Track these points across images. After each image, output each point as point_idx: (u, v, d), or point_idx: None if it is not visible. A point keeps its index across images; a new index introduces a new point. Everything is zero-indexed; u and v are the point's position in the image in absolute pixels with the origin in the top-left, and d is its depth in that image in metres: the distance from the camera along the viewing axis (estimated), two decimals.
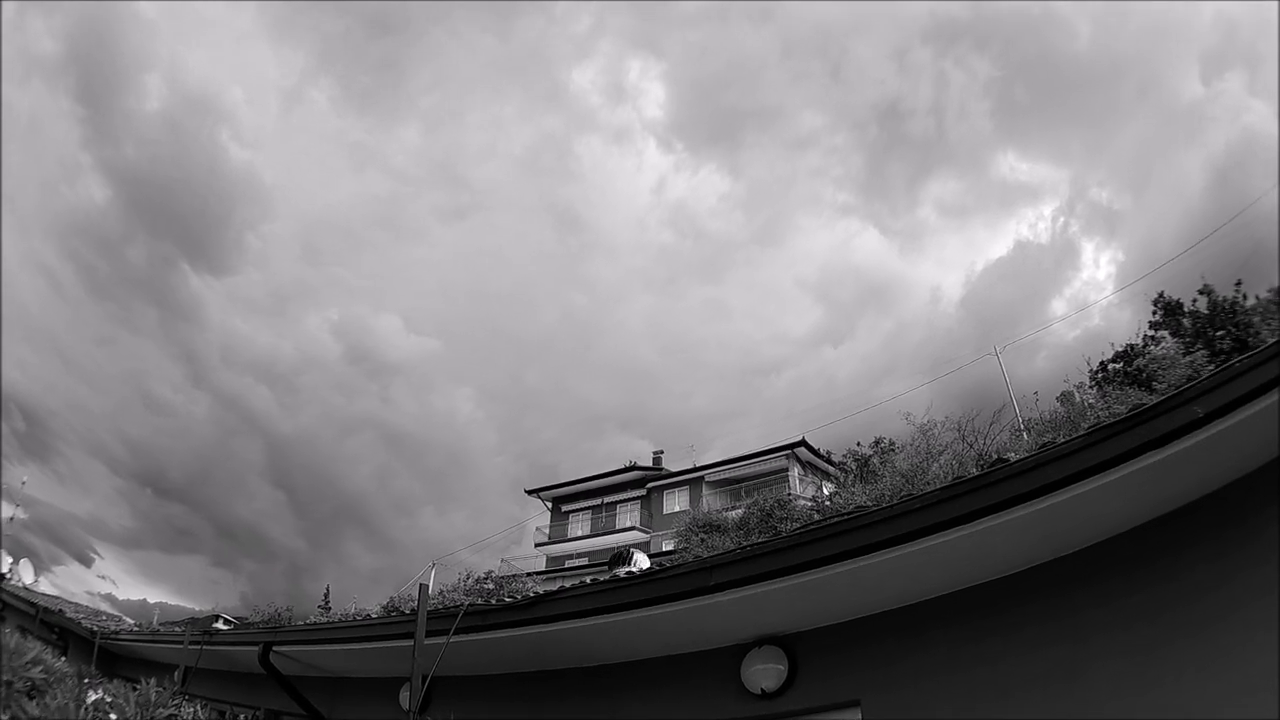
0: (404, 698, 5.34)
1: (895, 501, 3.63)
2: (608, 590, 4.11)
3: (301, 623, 6.84)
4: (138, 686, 5.16)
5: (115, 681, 5.83)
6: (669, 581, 3.93)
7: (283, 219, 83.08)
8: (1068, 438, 3.67)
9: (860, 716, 3.95)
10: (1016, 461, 3.51)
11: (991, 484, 3.50)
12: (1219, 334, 17.68)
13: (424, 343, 79.02)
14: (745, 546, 3.78)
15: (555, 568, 34.10)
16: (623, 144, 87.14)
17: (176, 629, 8.77)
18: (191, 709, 5.68)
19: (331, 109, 79.75)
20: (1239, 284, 20.18)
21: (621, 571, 4.45)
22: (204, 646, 7.45)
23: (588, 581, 4.33)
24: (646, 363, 75.81)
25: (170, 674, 7.30)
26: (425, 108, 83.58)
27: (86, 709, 4.52)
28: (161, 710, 5.22)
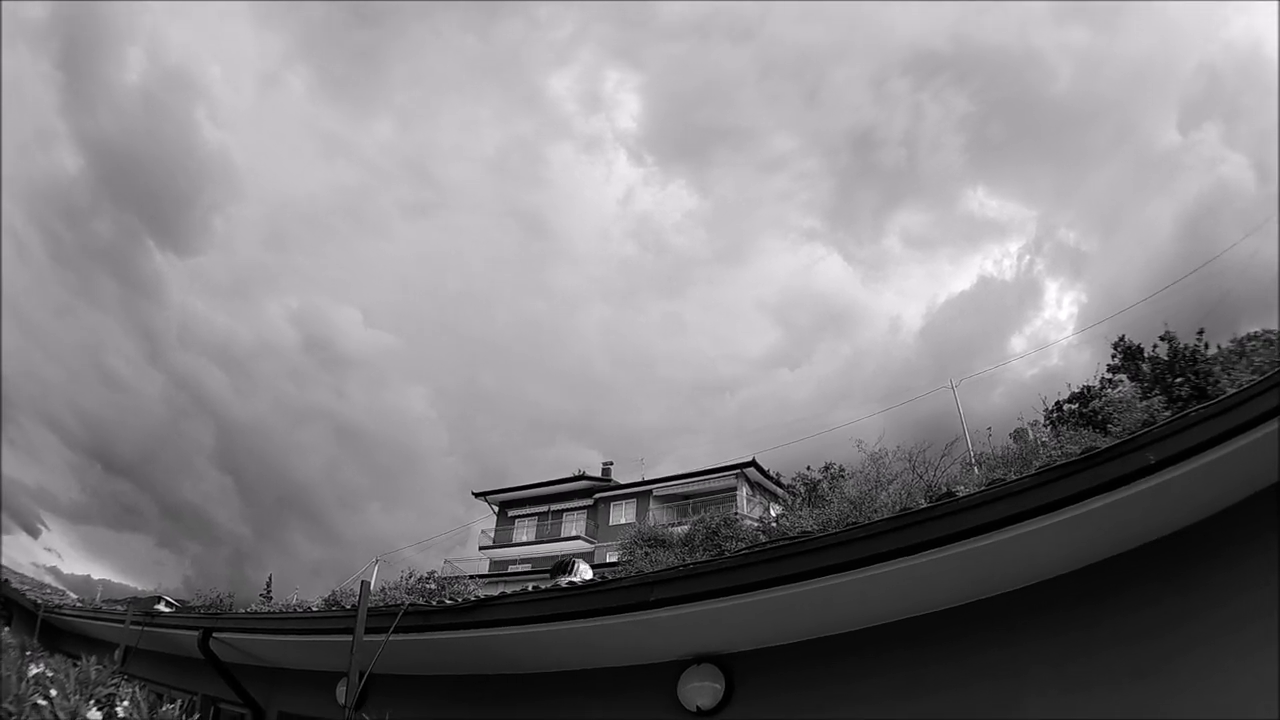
0: (340, 693, 5.25)
1: (841, 529, 3.61)
2: (548, 599, 4.05)
3: (243, 610, 6.72)
4: (78, 663, 5.06)
5: (57, 657, 5.70)
6: (609, 594, 3.88)
7: (250, 202, 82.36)
8: (1018, 475, 3.68)
9: None
10: (964, 497, 3.50)
11: (938, 518, 3.48)
12: (1178, 380, 17.82)
13: (381, 337, 78.56)
14: (688, 564, 3.74)
15: (499, 572, 33.86)
16: (593, 153, 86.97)
17: (119, 608, 8.59)
18: (131, 689, 5.58)
19: (307, 95, 78.98)
20: (1201, 332, 20.37)
21: (564, 581, 4.40)
22: (145, 627, 7.30)
23: (530, 589, 4.27)
24: (601, 373, 75.77)
25: (111, 653, 7.17)
26: (400, 102, 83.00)
27: (28, 682, 4.41)
28: (101, 689, 5.11)
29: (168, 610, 7.57)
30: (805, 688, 3.98)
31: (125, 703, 4.65)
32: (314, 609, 5.63)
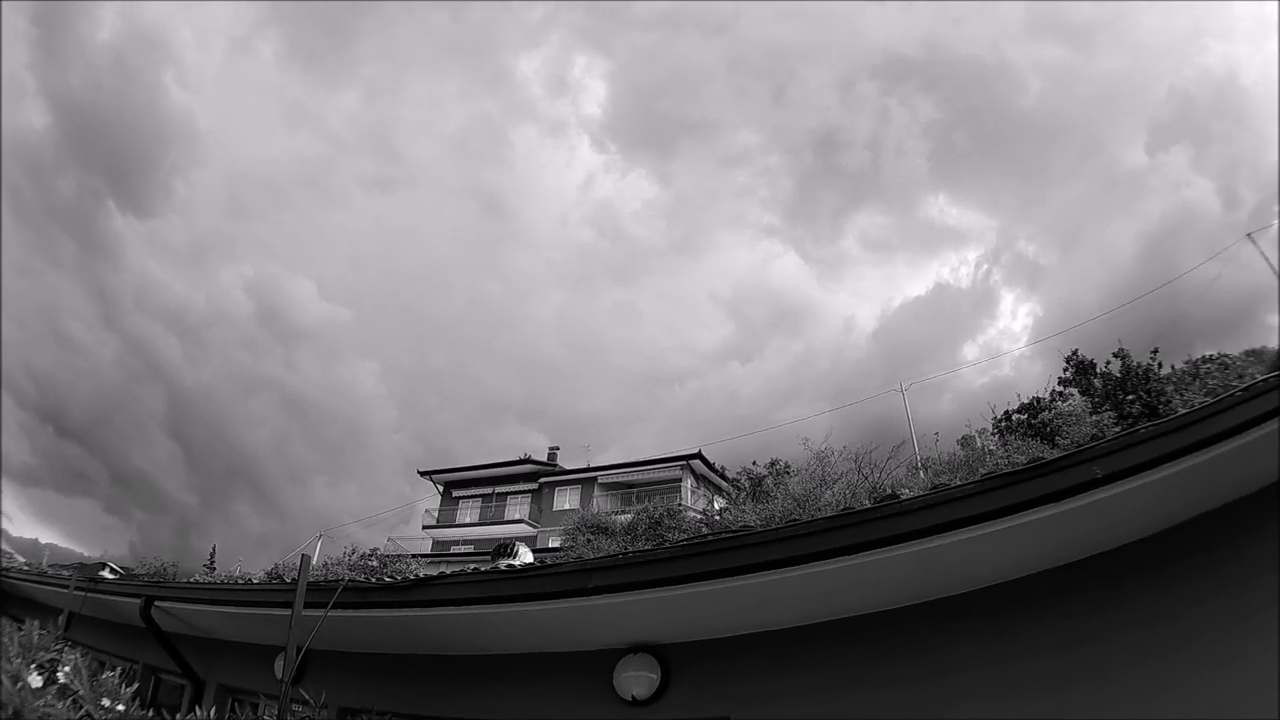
0: (279, 667, 5.18)
1: (783, 525, 3.58)
2: (487, 581, 4.00)
3: (186, 580, 6.60)
4: (22, 627, 4.96)
5: (1, 620, 5.58)
6: (548, 579, 3.83)
7: (212, 168, 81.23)
8: (963, 482, 3.67)
9: None
10: (907, 499, 3.49)
11: (880, 519, 3.47)
12: (1129, 398, 17.92)
13: (335, 311, 77.93)
14: (627, 553, 3.70)
15: (441, 552, 33.82)
16: (557, 137, 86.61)
17: (65, 572, 8.43)
18: (74, 656, 5.48)
19: (275, 63, 77.96)
20: (1155, 352, 20.52)
21: (503, 563, 4.35)
22: (89, 593, 7.15)
23: (469, 570, 4.22)
24: (552, 358, 75.62)
25: (55, 618, 7.01)
26: (368, 75, 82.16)
27: None
28: (43, 654, 5.01)
29: (112, 577, 7.43)
30: (742, 681, 3.96)
31: (67, 668, 4.55)
32: (255, 582, 5.54)
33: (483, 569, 4.23)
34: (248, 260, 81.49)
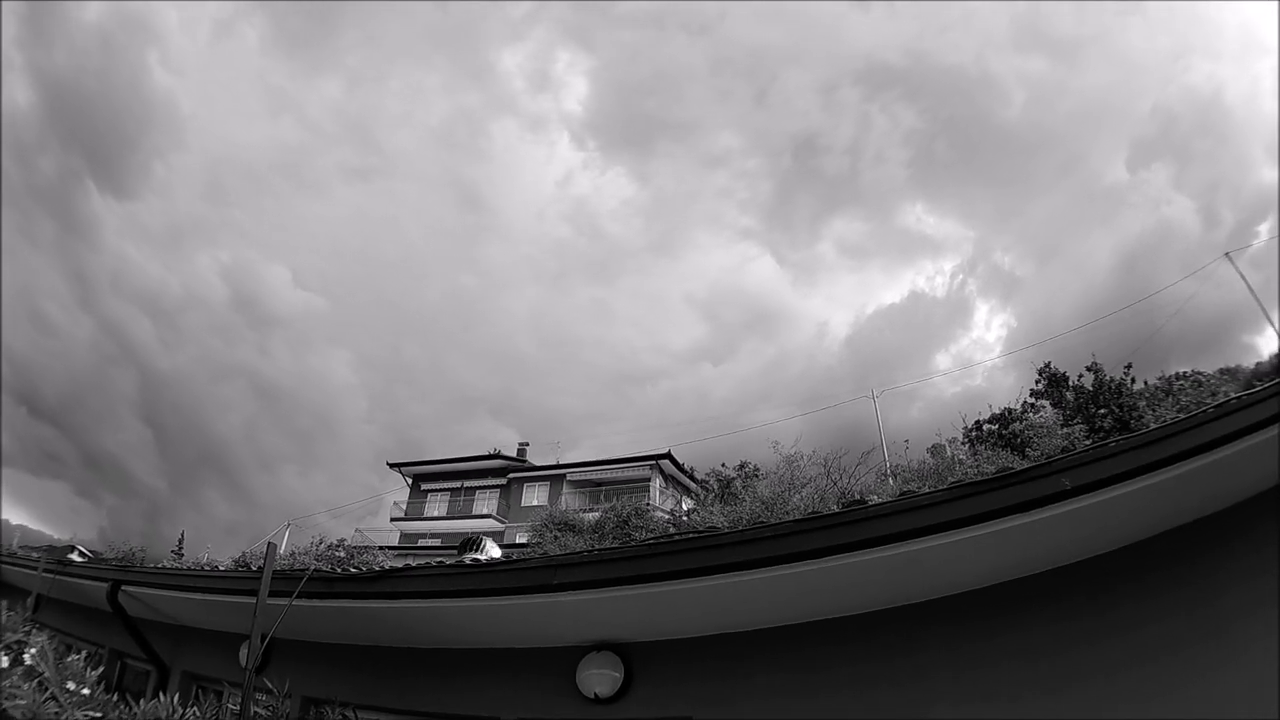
0: (243, 655, 5.12)
1: (749, 527, 3.56)
2: (452, 574, 3.97)
3: (153, 565, 6.54)
4: None
5: None
6: (513, 574, 3.80)
7: (192, 151, 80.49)
8: (931, 489, 3.66)
9: None
10: (875, 505, 3.47)
11: (847, 524, 3.45)
12: (1101, 411, 17.93)
13: (309, 299, 77.52)
14: (592, 550, 3.68)
15: (409, 545, 33.58)
16: (537, 132, 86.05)
17: (34, 555, 8.34)
18: (40, 638, 5.42)
19: (260, 48, 77.34)
20: (1129, 367, 20.57)
21: (469, 558, 4.32)
22: (58, 576, 7.08)
23: (434, 563, 4.18)
24: (525, 353, 75.47)
25: (23, 600, 6.94)
26: (351, 63, 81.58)
27: None
28: (10, 635, 4.96)
29: (81, 560, 7.34)
30: (706, 681, 3.94)
31: (33, 651, 4.49)
32: (222, 569, 5.49)
33: (449, 562, 4.19)
34: (224, 245, 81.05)
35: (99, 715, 4.35)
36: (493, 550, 4.88)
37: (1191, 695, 3.38)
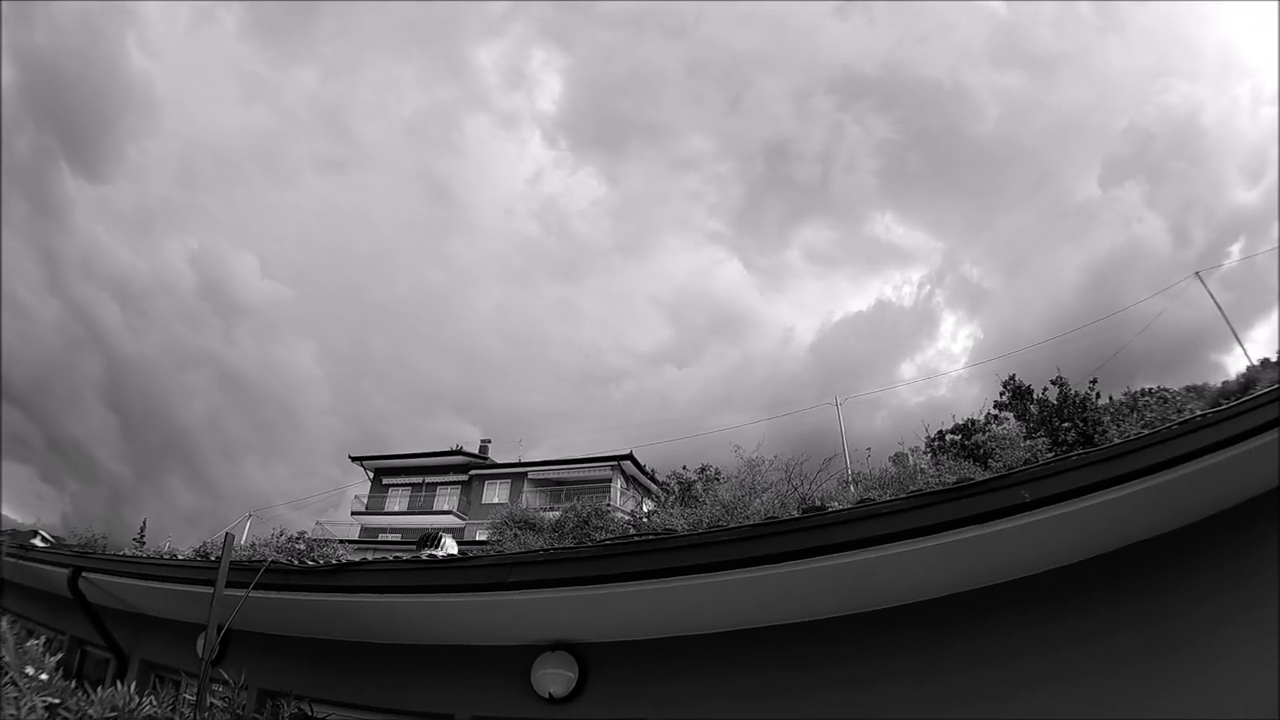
0: (200, 646, 5.06)
1: (707, 530, 3.54)
2: (408, 570, 3.92)
3: (114, 553, 6.46)
4: None
5: None
6: (469, 571, 3.76)
7: (165, 136, 79.82)
8: (891, 498, 3.65)
9: None
10: (832, 512, 3.46)
11: (804, 529, 3.44)
12: (1065, 425, 17.87)
13: (277, 289, 77.18)
14: (549, 549, 3.64)
15: (369, 539, 33.35)
16: (509, 129, 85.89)
17: None
18: (2, 622, 5.36)
19: (237, 34, 76.85)
20: (1094, 381, 20.44)
21: (426, 553, 4.27)
22: (20, 560, 6.98)
23: (392, 558, 4.13)
24: (490, 350, 75.35)
25: None
26: (327, 53, 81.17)
27: None
28: None
29: (43, 545, 7.25)
30: (661, 683, 3.91)
31: None
32: (181, 558, 5.43)
33: (406, 558, 4.14)
34: (194, 232, 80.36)
35: (57, 701, 4.29)
36: (451, 547, 4.84)
37: (1156, 705, 3.39)
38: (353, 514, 40.69)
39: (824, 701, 3.72)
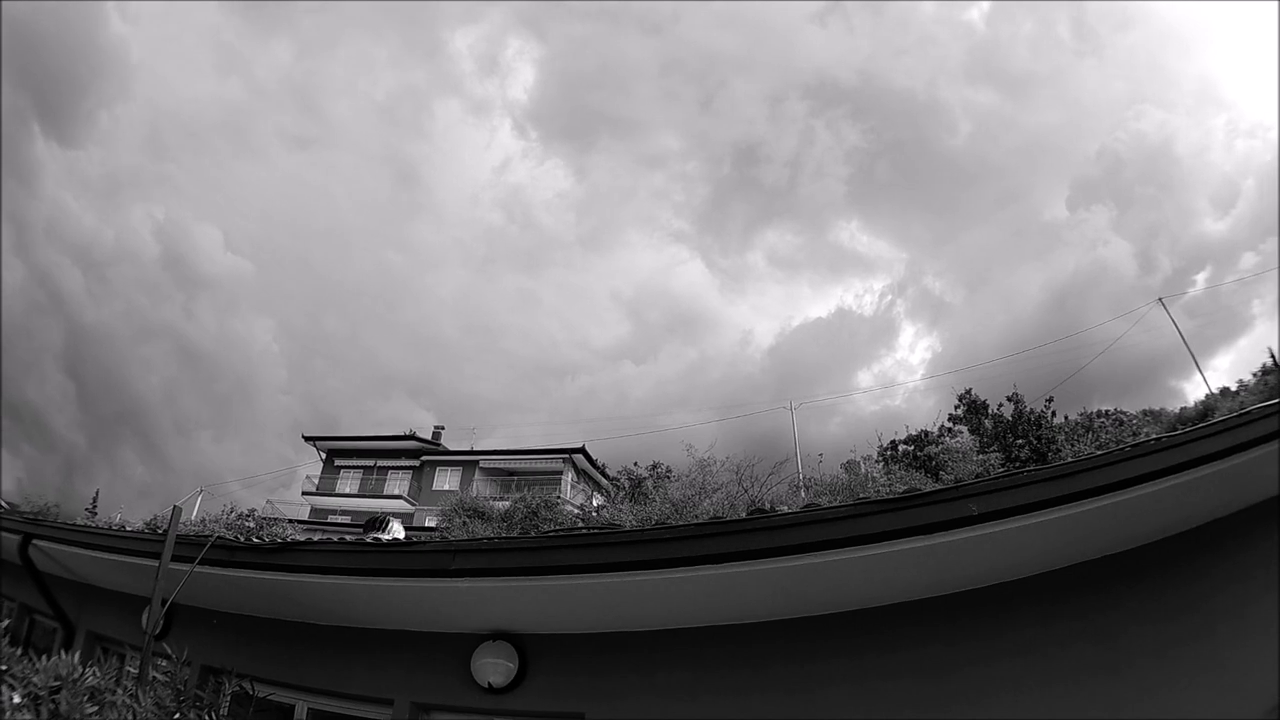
0: (145, 619, 5.01)
1: (650, 527, 3.53)
2: (352, 552, 3.89)
3: (65, 521, 6.39)
4: None
5: None
6: (412, 556, 3.73)
7: (136, 102, 78.86)
8: (838, 504, 3.65)
9: None
10: (778, 515, 3.45)
11: (748, 531, 3.43)
12: (1019, 441, 17.97)
13: (238, 263, 76.48)
14: (493, 538, 3.62)
15: (319, 520, 33.18)
16: (479, 116, 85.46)
17: None
18: None
19: (216, 4, 76.44)
20: (1050, 400, 20.74)
21: (371, 537, 4.24)
22: None
23: (336, 539, 4.10)
24: (446, 336, 75.07)
25: None
26: (304, 28, 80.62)
27: None
28: None
29: None
30: (601, 677, 3.91)
31: None
32: (130, 530, 5.38)
33: (351, 540, 4.11)
34: (159, 201, 79.30)
35: (3, 668, 4.22)
36: (397, 531, 4.81)
37: None
38: (304, 494, 40.36)
39: (760, 703, 3.72)
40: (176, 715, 4.33)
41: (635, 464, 20.85)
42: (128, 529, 5.41)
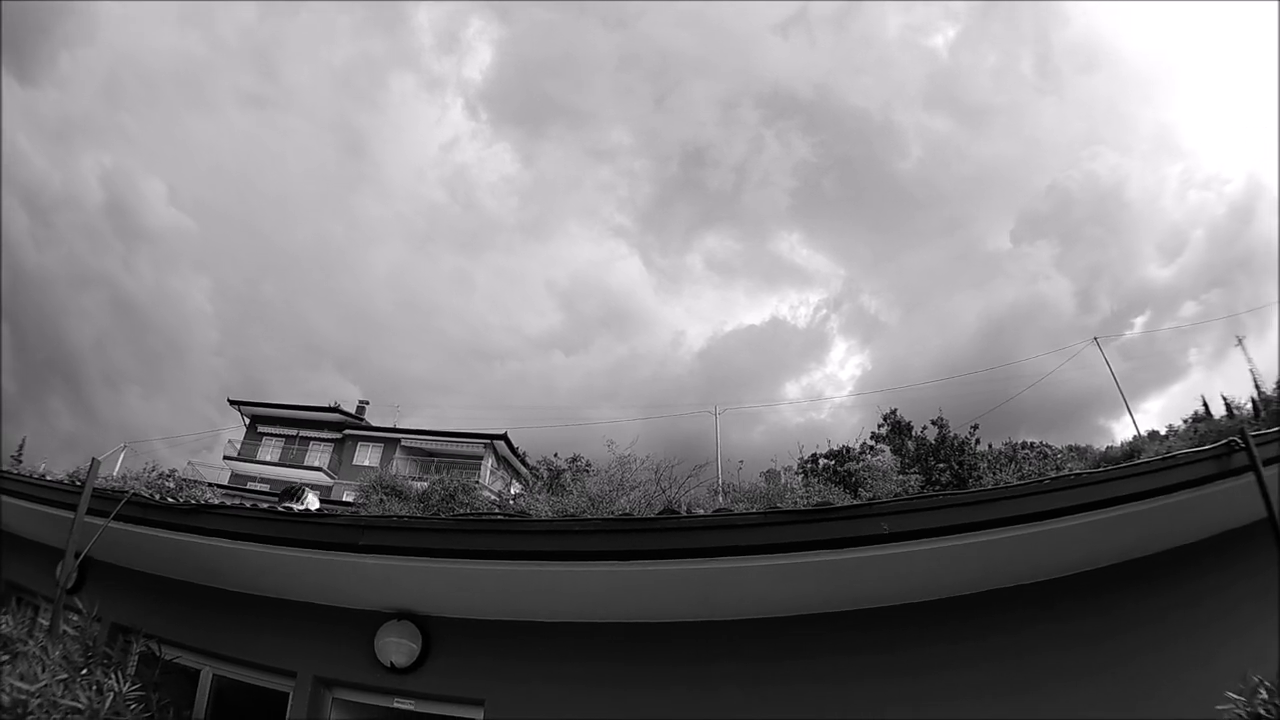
0: (59, 571, 4.92)
1: (559, 519, 3.51)
2: (262, 519, 3.83)
3: None
4: None
5: None
6: (321, 529, 3.68)
7: (97, 48, 77.26)
8: (750, 511, 3.65)
9: (482, 716, 3.84)
10: (685, 518, 3.46)
11: (655, 531, 3.44)
12: (940, 465, 18.03)
13: (181, 219, 75.39)
14: (403, 516, 3.59)
15: (238, 485, 32.79)
16: (433, 93, 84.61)
17: None
18: None
19: None
20: (976, 427, 20.86)
21: (283, 506, 4.19)
22: None
23: (247, 505, 4.05)
24: (380, 311, 74.46)
25: None
26: None
27: None
28: None
29: None
30: (505, 662, 3.90)
31: None
32: (50, 479, 5.29)
33: (264, 507, 4.06)
34: (109, 149, 78.00)
35: None
36: (312, 503, 4.75)
37: None
38: (225, 458, 39.84)
39: (661, 700, 3.72)
40: (84, 671, 4.27)
41: (556, 454, 20.84)
42: (48, 479, 5.31)
